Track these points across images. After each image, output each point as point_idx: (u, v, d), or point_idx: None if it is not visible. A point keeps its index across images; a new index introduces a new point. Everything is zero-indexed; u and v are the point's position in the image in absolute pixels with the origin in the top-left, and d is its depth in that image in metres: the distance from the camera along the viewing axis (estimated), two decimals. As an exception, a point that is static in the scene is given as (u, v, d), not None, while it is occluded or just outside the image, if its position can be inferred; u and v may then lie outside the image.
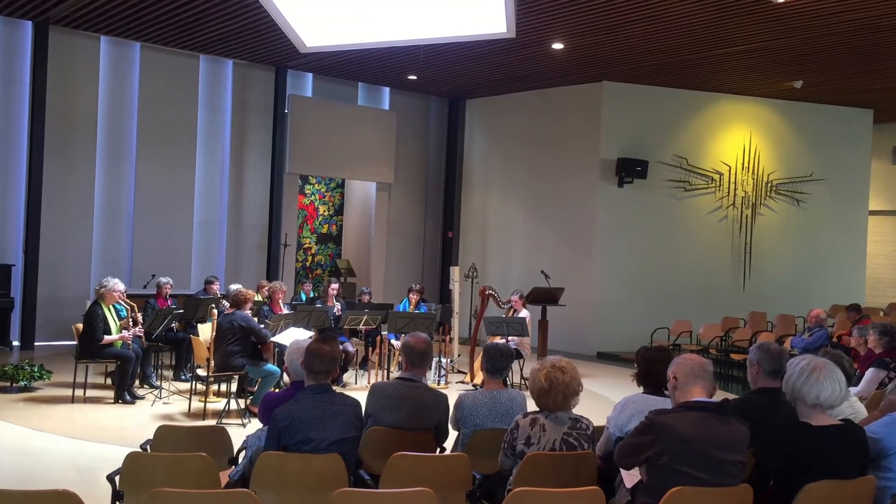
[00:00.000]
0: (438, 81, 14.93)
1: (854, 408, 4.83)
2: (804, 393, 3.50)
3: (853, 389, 6.63)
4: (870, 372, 6.99)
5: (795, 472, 3.39)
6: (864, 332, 7.51)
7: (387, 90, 15.82)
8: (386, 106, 15.87)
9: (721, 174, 14.60)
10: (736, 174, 14.68)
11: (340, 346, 9.87)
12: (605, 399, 9.28)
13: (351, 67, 14.16)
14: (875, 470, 3.65)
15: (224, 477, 4.12)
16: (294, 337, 7.33)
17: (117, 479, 3.78)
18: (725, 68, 12.75)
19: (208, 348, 8.07)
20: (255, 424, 6.88)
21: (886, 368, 6.97)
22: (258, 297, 10.06)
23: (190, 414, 8.14)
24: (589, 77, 13.71)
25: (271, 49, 12.96)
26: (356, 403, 4.03)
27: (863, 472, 3.52)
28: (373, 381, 9.60)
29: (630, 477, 3.77)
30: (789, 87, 13.64)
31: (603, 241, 14.05)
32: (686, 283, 14.23)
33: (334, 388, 4.07)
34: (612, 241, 14.04)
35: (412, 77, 14.62)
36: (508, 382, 9.73)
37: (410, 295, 11.22)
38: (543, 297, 11.36)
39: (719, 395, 3.56)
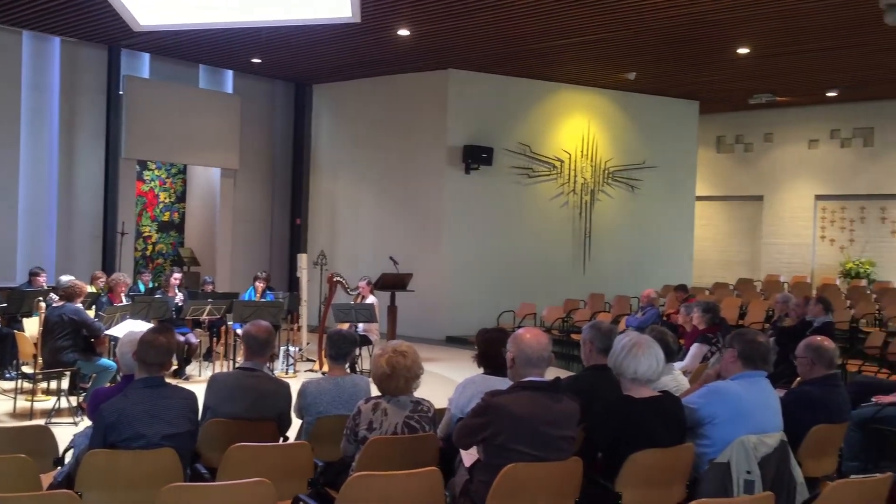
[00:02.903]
0: (284, 66, 14.62)
1: (677, 381, 5.15)
2: (624, 367, 3.72)
3: (679, 364, 7.09)
4: (694, 347, 7.47)
5: (620, 442, 3.59)
6: (690, 310, 8.01)
7: (230, 73, 15.34)
8: (229, 89, 15.39)
9: (562, 161, 15.14)
10: (576, 161, 15.27)
11: (183, 338, 9.59)
12: (453, 382, 9.42)
13: (190, 49, 13.61)
14: (693, 438, 3.90)
15: (48, 479, 3.89)
16: (130, 329, 7.00)
17: (-76, 487, 3.49)
18: (565, 58, 13.21)
19: (35, 344, 7.59)
20: (87, 422, 6.53)
21: (709, 343, 7.46)
22: (91, 289, 9.53)
23: (15, 414, 7.62)
24: (435, 64, 13.83)
25: (103, 27, 12.23)
26: (191, 396, 3.90)
27: (681, 441, 3.77)
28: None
29: (469, 456, 3.86)
30: (624, 79, 14.30)
31: (451, 226, 14.26)
32: (531, 267, 14.69)
33: (177, 381, 3.92)
34: (459, 226, 14.28)
35: (256, 60, 14.24)
36: (358, 369, 9.77)
37: (256, 283, 10.99)
38: (392, 283, 11.39)
39: (555, 374, 3.70)
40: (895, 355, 8.59)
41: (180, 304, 10.11)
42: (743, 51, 12.22)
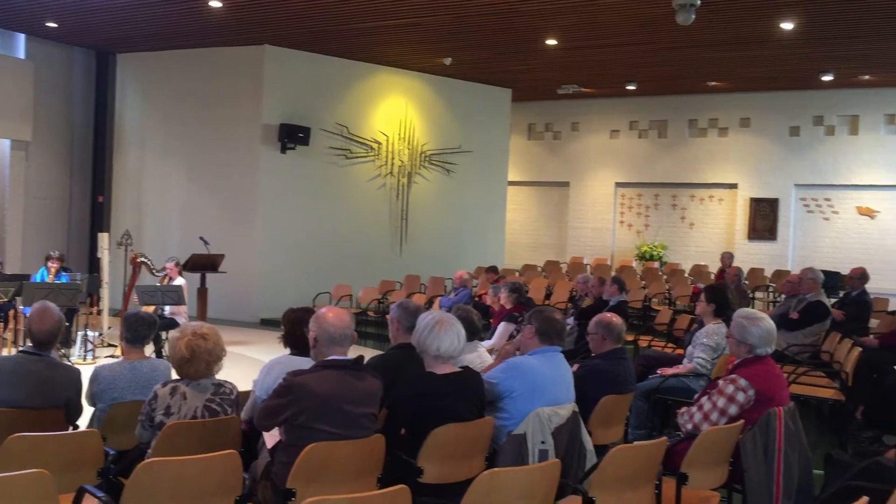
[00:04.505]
0: (83, 31, 13.62)
1: (482, 358, 5.34)
2: (428, 345, 3.80)
3: (487, 342, 7.35)
4: (501, 326, 7.78)
5: (422, 418, 3.66)
6: (497, 291, 8.32)
7: (22, 37, 14.11)
8: (21, 54, 14.16)
9: (380, 143, 15.20)
10: (393, 144, 15.38)
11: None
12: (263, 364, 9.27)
13: (-26, 7, 12.39)
14: (493, 411, 4.06)
15: None
16: None
17: None
18: (384, 40, 13.22)
19: None
20: None
21: (515, 322, 7.78)
22: None
23: None
24: (250, 39, 13.40)
25: None
26: (-38, 385, 3.59)
27: (481, 415, 3.90)
28: (4, 360, 8.62)
29: (271, 438, 3.80)
30: (440, 64, 14.53)
31: (266, 207, 13.94)
32: (348, 249, 14.66)
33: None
34: (275, 207, 13.98)
35: (52, 24, 13.17)
36: (164, 353, 9.35)
37: (49, 263, 10.26)
38: (202, 264, 11.03)
39: (369, 354, 3.71)
40: (680, 331, 9.32)
41: (-40, 286, 9.26)
42: (551, 42, 12.75)
